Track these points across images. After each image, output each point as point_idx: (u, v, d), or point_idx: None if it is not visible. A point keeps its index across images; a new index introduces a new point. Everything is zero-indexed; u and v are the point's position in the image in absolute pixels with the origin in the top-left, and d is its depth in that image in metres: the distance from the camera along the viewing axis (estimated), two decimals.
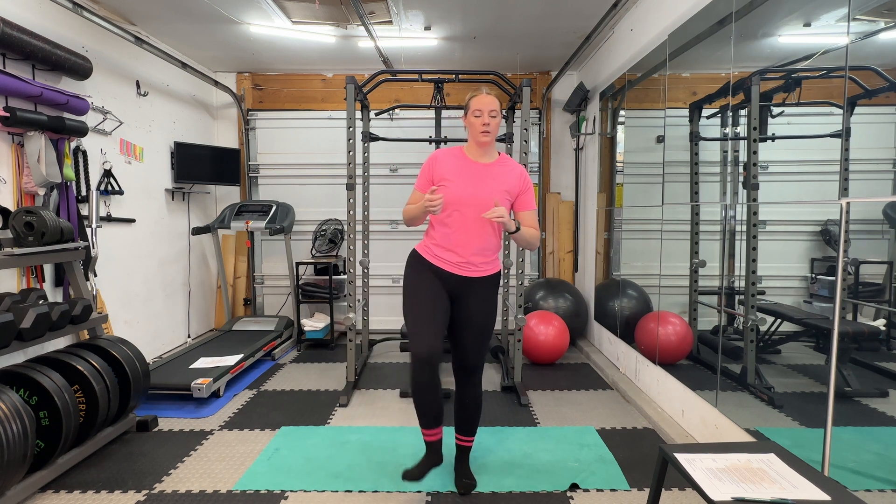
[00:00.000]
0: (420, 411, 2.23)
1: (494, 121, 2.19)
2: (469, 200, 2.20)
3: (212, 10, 3.74)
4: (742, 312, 2.41)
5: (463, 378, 2.36)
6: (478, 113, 2.19)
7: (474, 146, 2.27)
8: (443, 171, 2.25)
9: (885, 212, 1.70)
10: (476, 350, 2.33)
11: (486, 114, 2.17)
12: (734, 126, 2.51)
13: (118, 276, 3.83)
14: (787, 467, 1.54)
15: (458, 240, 2.23)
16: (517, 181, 2.28)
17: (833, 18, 1.86)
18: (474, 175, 2.24)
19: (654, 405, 3.20)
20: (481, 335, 2.32)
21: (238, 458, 2.64)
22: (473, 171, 2.25)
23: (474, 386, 2.37)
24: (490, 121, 2.18)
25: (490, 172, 2.26)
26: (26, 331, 2.33)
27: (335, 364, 4.28)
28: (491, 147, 2.28)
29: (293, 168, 5.39)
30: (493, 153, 2.30)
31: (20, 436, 2.01)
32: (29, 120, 2.88)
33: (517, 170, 2.30)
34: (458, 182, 2.22)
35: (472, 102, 2.21)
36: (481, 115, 2.18)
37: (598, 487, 2.36)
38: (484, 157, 2.28)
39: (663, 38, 3.13)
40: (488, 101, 2.18)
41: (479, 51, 4.67)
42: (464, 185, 2.21)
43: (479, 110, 2.18)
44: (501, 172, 2.27)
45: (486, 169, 2.26)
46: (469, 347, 2.32)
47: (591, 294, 4.73)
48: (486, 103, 2.18)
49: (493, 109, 2.18)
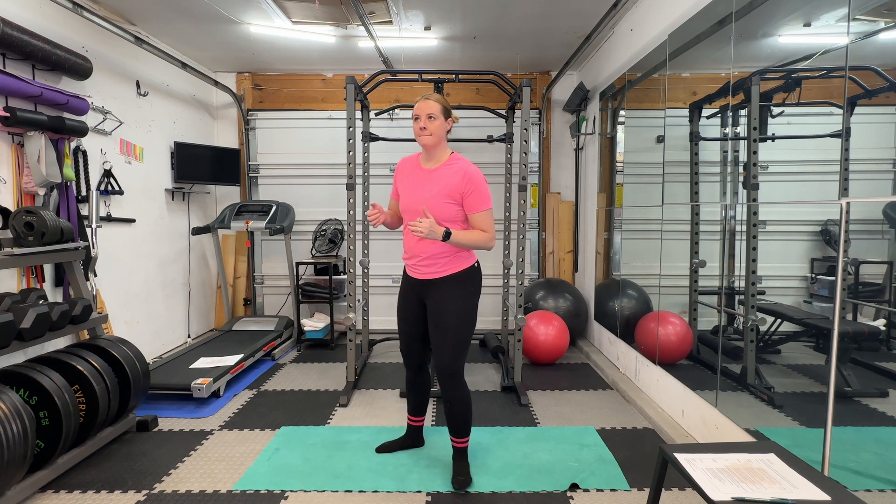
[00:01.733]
0: (408, 399, 2.69)
1: (433, 123, 2.26)
2: (412, 207, 2.31)
3: (212, 10, 3.74)
4: (742, 312, 2.41)
5: (443, 380, 2.36)
6: (415, 117, 2.29)
7: (423, 151, 2.37)
8: (398, 181, 2.44)
9: (885, 212, 1.70)
10: (446, 350, 2.31)
11: (423, 118, 2.26)
12: (734, 126, 2.51)
13: (118, 276, 3.83)
14: (787, 467, 1.54)
15: (410, 246, 2.37)
16: (458, 182, 2.25)
17: (833, 18, 1.86)
18: (419, 181, 2.34)
19: (654, 405, 3.20)
20: (449, 335, 2.30)
21: (238, 458, 2.64)
22: (419, 177, 2.34)
23: (454, 388, 2.34)
24: (427, 124, 2.26)
25: (431, 177, 2.30)
26: (26, 331, 2.33)
27: (335, 364, 4.28)
28: (437, 150, 2.33)
29: (293, 168, 5.39)
30: (440, 156, 2.34)
31: (20, 436, 2.01)
32: (29, 120, 2.88)
33: (461, 171, 2.27)
34: (407, 190, 2.36)
35: (414, 108, 2.31)
36: (419, 118, 2.27)
37: (598, 487, 2.36)
38: (430, 162, 2.35)
39: (663, 38, 3.13)
40: (425, 106, 2.27)
41: (479, 51, 4.67)
42: (410, 192, 2.34)
43: (417, 115, 2.28)
44: (443, 175, 2.28)
45: (429, 174, 2.32)
46: (437, 348, 2.34)
47: (591, 294, 4.73)
48: (423, 108, 2.27)
49: (430, 112, 2.26)
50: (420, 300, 2.42)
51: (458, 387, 2.35)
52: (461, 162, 2.31)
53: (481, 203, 2.26)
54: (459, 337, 2.31)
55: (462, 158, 2.34)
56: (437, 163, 2.33)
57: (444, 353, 2.32)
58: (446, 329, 2.30)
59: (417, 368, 2.57)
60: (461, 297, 2.32)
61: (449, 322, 2.30)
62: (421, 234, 2.12)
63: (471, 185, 2.25)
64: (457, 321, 2.30)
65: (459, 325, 2.31)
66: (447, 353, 2.32)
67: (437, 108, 2.27)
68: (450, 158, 2.33)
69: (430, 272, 2.34)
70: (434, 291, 2.34)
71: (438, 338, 2.33)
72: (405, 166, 2.43)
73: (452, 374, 2.33)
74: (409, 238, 2.37)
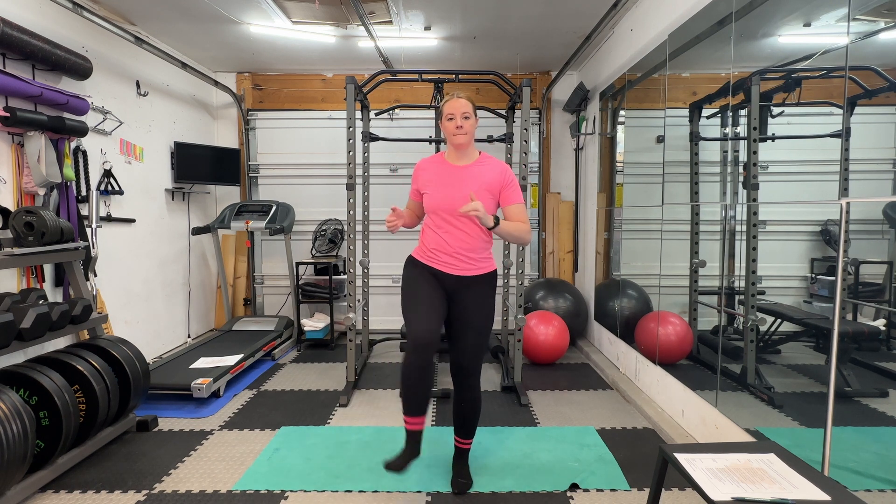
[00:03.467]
0: (406, 397, 2.21)
1: (468, 122, 2.25)
2: (448, 204, 2.26)
3: (212, 10, 3.74)
4: (742, 312, 2.41)
5: (460, 380, 2.35)
6: (450, 116, 2.25)
7: (452, 150, 2.34)
8: (424, 180, 2.36)
9: (885, 212, 1.70)
10: (472, 351, 2.31)
11: (458, 116, 2.24)
12: (734, 126, 2.51)
13: (118, 276, 3.83)
14: (787, 467, 1.54)
15: (445, 243, 2.29)
16: (497, 176, 2.28)
17: (833, 18, 1.86)
18: (452, 178, 2.30)
19: (654, 405, 3.20)
20: (477, 335, 2.30)
21: (238, 458, 2.64)
22: (451, 174, 2.31)
23: (471, 388, 2.35)
24: (463, 123, 2.24)
25: (468, 173, 2.30)
26: (26, 331, 2.33)
27: (335, 364, 4.27)
28: (468, 148, 2.32)
29: (293, 168, 5.39)
30: (471, 154, 2.33)
31: (20, 436, 2.01)
32: (29, 120, 2.88)
33: (497, 166, 2.31)
34: (437, 188, 2.30)
35: (444, 107, 2.28)
36: (454, 118, 2.24)
37: (598, 487, 2.36)
38: (462, 160, 2.33)
39: (663, 38, 3.13)
40: (460, 105, 2.25)
41: (479, 51, 4.67)
42: (442, 190, 2.28)
43: (452, 114, 2.25)
44: (480, 171, 2.29)
45: (464, 171, 2.31)
46: (465, 348, 2.31)
47: (591, 294, 4.73)
48: (457, 107, 2.25)
49: (465, 112, 2.24)
50: (445, 290, 2.31)
51: (476, 387, 2.36)
52: (493, 159, 2.35)
53: (518, 195, 2.30)
54: (485, 337, 2.34)
55: (491, 156, 2.37)
56: (469, 160, 2.33)
57: (470, 353, 2.31)
58: (478, 329, 2.30)
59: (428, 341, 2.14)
60: (491, 297, 2.34)
61: (480, 322, 2.30)
62: (477, 214, 2.07)
63: (508, 178, 2.29)
64: (486, 322, 2.32)
65: (488, 325, 2.33)
66: (476, 353, 2.32)
67: (470, 108, 2.27)
68: (481, 156, 2.35)
69: (466, 268, 2.28)
70: (467, 290, 2.30)
71: (468, 337, 2.30)
72: (429, 166, 2.38)
73: (475, 372, 2.34)
74: (444, 237, 2.28)
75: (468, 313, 2.29)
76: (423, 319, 2.17)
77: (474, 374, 2.34)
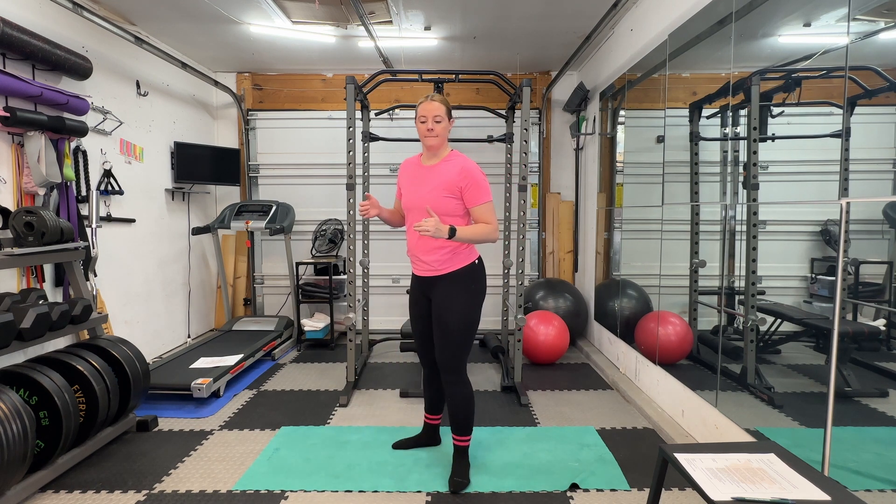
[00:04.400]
0: (424, 397, 2.72)
1: (439, 126, 2.34)
2: (413, 204, 2.38)
3: (212, 10, 3.74)
4: (742, 312, 2.41)
5: (443, 375, 2.41)
6: (423, 119, 2.35)
7: (425, 150, 2.43)
8: (401, 181, 2.50)
9: (885, 212, 1.70)
10: (443, 347, 2.35)
11: (430, 119, 2.34)
12: (734, 126, 2.51)
13: (118, 276, 3.83)
14: (787, 467, 1.54)
15: (412, 243, 2.41)
16: (455, 177, 2.31)
17: (833, 18, 1.86)
18: (419, 178, 2.40)
19: (654, 405, 3.20)
20: (449, 333, 2.33)
21: (238, 458, 2.64)
22: (420, 174, 2.41)
23: (454, 384, 2.38)
24: (434, 126, 2.33)
25: (430, 173, 2.37)
26: (26, 331, 2.33)
27: (335, 364, 4.28)
28: (439, 149, 2.40)
29: (293, 168, 5.39)
30: (441, 154, 2.41)
31: (20, 436, 2.01)
32: (29, 120, 2.88)
33: (457, 166, 2.34)
34: (409, 187, 2.42)
35: (418, 109, 2.38)
36: (426, 120, 2.34)
37: (598, 487, 2.36)
38: (431, 160, 2.42)
39: (663, 38, 3.13)
40: (432, 108, 2.34)
41: (479, 51, 4.67)
42: (412, 190, 2.40)
43: (424, 116, 2.35)
44: (442, 170, 2.34)
45: (430, 170, 2.39)
46: (440, 345, 2.37)
47: (591, 294, 4.73)
48: (430, 109, 2.34)
49: (436, 115, 2.33)
50: (427, 297, 2.46)
51: (458, 383, 2.38)
52: (459, 158, 2.38)
53: (481, 196, 2.32)
54: (460, 335, 2.34)
55: (460, 155, 2.41)
56: (438, 159, 2.40)
57: (444, 350, 2.36)
58: (447, 326, 2.33)
59: (431, 365, 2.58)
60: (462, 294, 2.34)
61: (449, 319, 2.33)
62: (428, 234, 2.17)
63: (468, 179, 2.31)
64: (458, 318, 2.33)
65: (460, 322, 2.33)
66: (447, 350, 2.35)
67: (442, 111, 2.35)
68: (449, 155, 2.41)
69: (430, 269, 2.38)
70: (436, 289, 2.38)
71: (439, 335, 2.36)
72: (407, 167, 2.51)
73: (452, 370, 2.37)
74: (411, 236, 2.42)
75: (440, 311, 2.35)
76: (419, 347, 2.58)
77: (451, 371, 2.37)
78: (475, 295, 2.38)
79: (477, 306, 2.40)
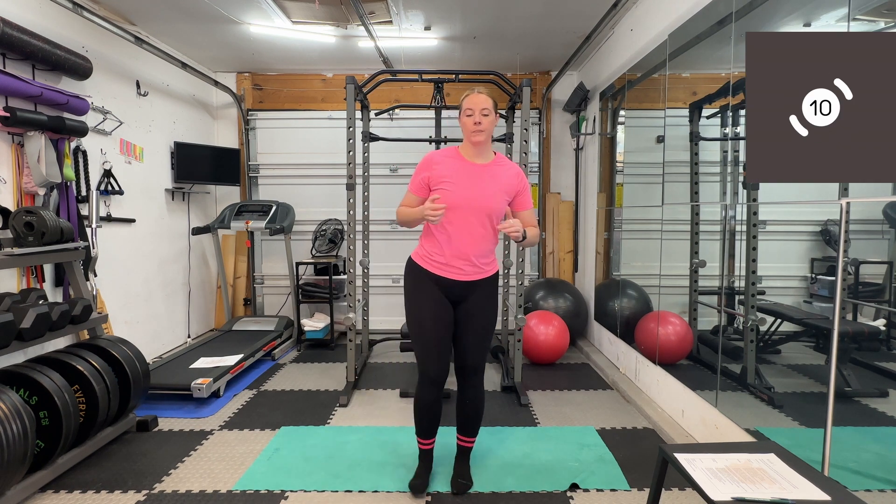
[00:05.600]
0: (419, 423, 2.34)
1: (487, 119, 2.16)
2: (470, 203, 2.16)
3: (212, 10, 3.74)
4: (742, 312, 2.41)
5: (464, 379, 2.35)
6: (469, 112, 2.17)
7: (469, 146, 2.23)
8: (441, 174, 2.20)
9: (885, 212, 1.70)
10: (477, 350, 2.32)
11: (477, 112, 2.15)
12: (734, 126, 2.51)
13: (118, 276, 3.83)
14: (787, 467, 1.54)
15: (459, 244, 2.19)
16: (515, 180, 2.27)
17: (833, 18, 1.86)
18: (473, 176, 2.20)
19: (654, 405, 3.20)
20: (482, 335, 2.31)
21: (238, 458, 2.64)
22: (472, 172, 2.21)
23: (475, 387, 2.35)
24: (482, 119, 2.15)
25: (489, 173, 2.23)
26: (26, 331, 2.33)
27: (335, 364, 4.27)
28: (486, 146, 2.24)
29: (293, 168, 5.39)
30: (488, 153, 2.27)
31: (20, 436, 2.01)
32: (29, 120, 2.88)
33: (514, 169, 2.30)
34: (458, 184, 2.17)
35: (464, 102, 2.20)
36: (473, 113, 2.16)
37: (598, 487, 2.36)
38: (480, 158, 2.24)
39: (663, 38, 3.13)
40: (480, 100, 2.16)
41: (479, 51, 4.67)
42: (464, 187, 2.17)
43: (471, 109, 2.16)
44: (499, 172, 2.25)
45: (485, 169, 2.23)
46: (470, 347, 2.30)
47: (591, 294, 4.73)
48: (477, 102, 2.16)
49: (484, 108, 2.15)
50: (454, 302, 2.29)
51: (479, 385, 2.37)
52: (509, 160, 2.35)
53: (531, 200, 2.34)
54: (490, 336, 2.35)
55: (506, 157, 2.38)
56: (488, 160, 2.26)
57: (477, 352, 2.32)
58: (484, 329, 2.31)
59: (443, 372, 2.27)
60: (494, 298, 2.35)
61: (487, 322, 2.31)
62: (518, 234, 2.11)
63: (524, 183, 2.30)
64: (491, 321, 2.34)
65: (491, 325, 2.34)
66: (481, 353, 2.33)
67: (490, 104, 2.18)
68: (499, 155, 2.32)
69: (476, 272, 2.25)
70: (475, 292, 2.28)
71: (471, 336, 2.29)
72: (444, 161, 2.24)
73: (480, 371, 2.36)
74: (460, 236, 2.18)
75: (474, 314, 2.28)
76: (433, 360, 2.23)
77: (479, 373, 2.35)
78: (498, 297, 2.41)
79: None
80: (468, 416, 2.38)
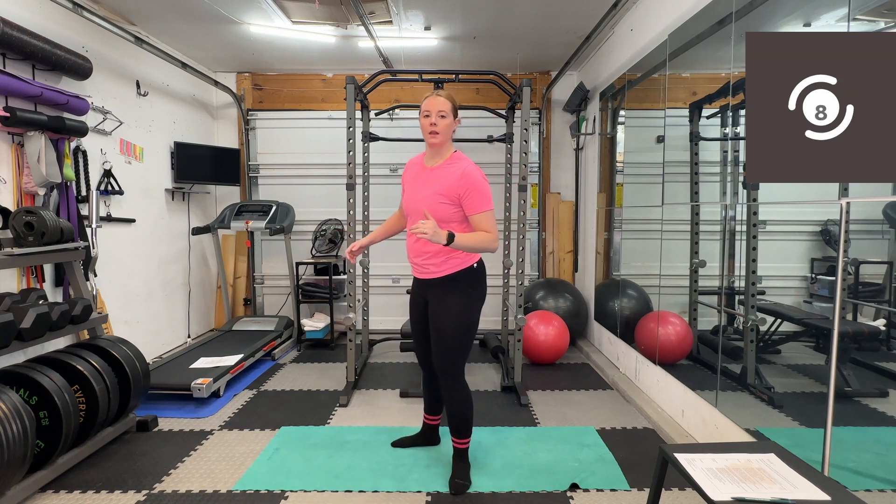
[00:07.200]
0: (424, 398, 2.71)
1: (444, 122, 2.20)
2: (412, 208, 2.29)
3: (212, 10, 3.74)
4: (742, 312, 2.41)
5: (440, 379, 2.38)
6: (426, 113, 2.21)
7: (428, 149, 2.30)
8: (405, 179, 2.41)
9: (885, 212, 1.70)
10: (439, 351, 2.31)
11: (434, 114, 2.19)
12: (734, 126, 2.51)
13: (118, 276, 3.83)
14: (787, 467, 1.54)
15: (410, 246, 2.34)
16: (454, 182, 2.17)
17: (833, 18, 1.86)
18: (419, 180, 2.30)
19: (654, 405, 3.20)
20: (438, 336, 2.30)
21: (238, 458, 2.64)
22: (421, 175, 2.31)
23: (451, 388, 2.34)
24: (438, 121, 2.19)
25: (433, 176, 2.26)
26: (26, 331, 2.33)
27: (335, 364, 4.27)
28: (443, 148, 2.27)
29: (293, 168, 5.39)
30: (444, 155, 2.27)
31: (20, 436, 2.01)
32: (29, 120, 2.88)
33: (460, 170, 2.19)
34: (409, 189, 2.34)
35: (422, 104, 2.23)
36: (429, 115, 2.20)
37: (598, 487, 2.36)
38: (433, 160, 2.29)
39: (663, 38, 3.13)
40: (437, 103, 2.20)
41: (479, 51, 4.67)
42: (411, 191, 2.32)
43: (428, 111, 2.20)
44: (441, 175, 2.23)
45: (431, 172, 2.27)
46: (436, 349, 2.34)
47: (591, 294, 4.73)
48: (434, 105, 2.20)
49: (441, 110, 2.19)
50: (424, 300, 2.41)
51: (455, 387, 2.34)
52: (462, 161, 2.24)
53: (481, 204, 2.17)
54: (455, 339, 2.28)
55: (464, 158, 2.27)
56: (439, 162, 2.28)
57: (440, 355, 2.32)
58: (443, 331, 2.28)
59: (430, 367, 2.54)
60: (458, 298, 2.28)
61: (445, 324, 2.28)
62: (425, 237, 2.00)
63: (468, 186, 2.16)
64: (453, 323, 2.27)
65: (456, 327, 2.27)
66: (442, 355, 2.31)
67: (447, 107, 2.20)
68: (451, 157, 2.26)
69: (428, 272, 2.31)
70: (433, 292, 2.33)
71: (435, 339, 2.32)
72: (411, 167, 2.40)
73: (449, 374, 2.33)
74: (409, 238, 2.31)
75: (435, 315, 2.31)
76: (417, 349, 2.56)
77: (447, 376, 2.33)
78: (472, 299, 2.30)
79: (474, 310, 2.31)
80: (448, 416, 2.40)
